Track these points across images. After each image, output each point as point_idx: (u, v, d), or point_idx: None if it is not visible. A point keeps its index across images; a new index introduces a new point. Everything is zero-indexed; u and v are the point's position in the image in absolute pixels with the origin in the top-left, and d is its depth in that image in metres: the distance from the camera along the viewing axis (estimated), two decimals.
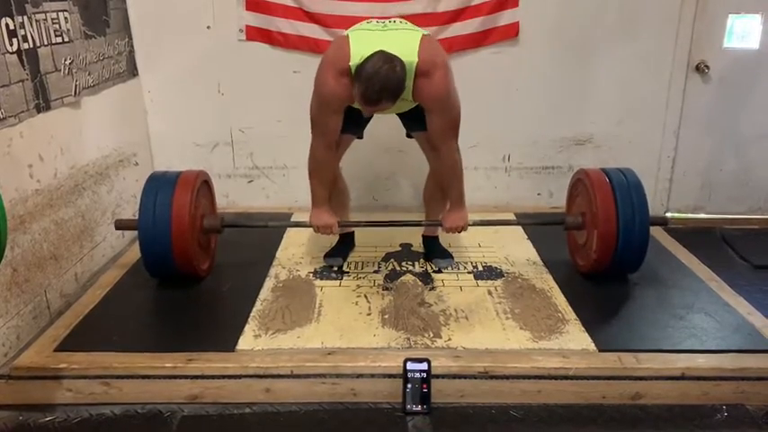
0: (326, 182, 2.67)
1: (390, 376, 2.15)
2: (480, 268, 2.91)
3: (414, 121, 2.64)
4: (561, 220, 2.86)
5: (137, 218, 2.64)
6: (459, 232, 2.75)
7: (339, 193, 2.90)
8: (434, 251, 2.98)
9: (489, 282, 2.78)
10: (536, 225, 3.15)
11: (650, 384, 2.16)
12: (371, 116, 2.67)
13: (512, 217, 3.50)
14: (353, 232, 3.08)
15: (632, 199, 2.61)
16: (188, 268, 2.63)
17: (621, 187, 2.64)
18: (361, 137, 2.80)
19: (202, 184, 2.78)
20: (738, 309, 2.56)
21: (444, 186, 2.74)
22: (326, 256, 2.96)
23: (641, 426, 2.08)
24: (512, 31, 3.41)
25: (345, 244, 3.04)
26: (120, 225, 2.78)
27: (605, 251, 2.62)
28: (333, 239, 3.02)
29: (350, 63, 2.33)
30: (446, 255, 2.96)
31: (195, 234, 2.64)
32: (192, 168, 3.66)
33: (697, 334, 2.36)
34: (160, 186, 2.62)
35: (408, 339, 2.33)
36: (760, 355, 2.25)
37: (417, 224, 2.95)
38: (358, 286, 2.74)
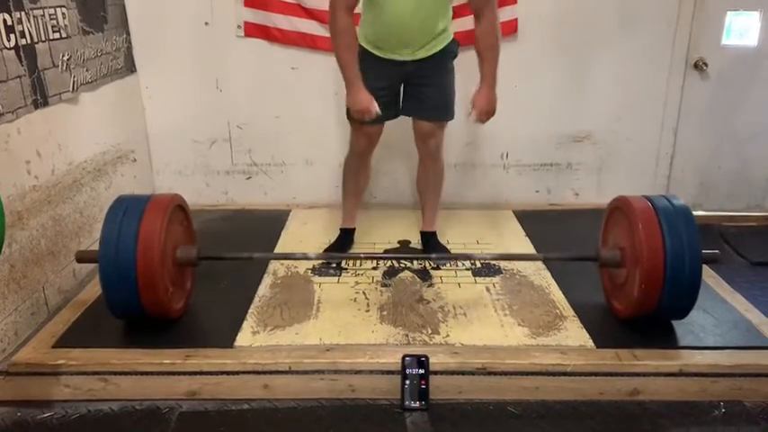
0: (354, 51, 2.59)
1: (389, 372, 2.16)
2: (478, 265, 2.90)
3: (423, 98, 2.68)
4: (595, 255, 2.46)
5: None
6: (489, 118, 2.65)
7: (364, 179, 2.99)
8: (433, 247, 2.98)
9: (487, 278, 2.78)
10: (567, 261, 2.68)
11: (648, 381, 2.17)
12: (398, 78, 2.69)
13: (511, 215, 3.52)
14: (354, 229, 3.07)
15: (681, 231, 2.21)
16: (157, 309, 2.29)
17: (668, 217, 2.24)
18: (395, 114, 2.80)
19: (176, 210, 2.42)
20: (736, 305, 2.56)
21: (482, 57, 2.62)
22: (327, 250, 2.96)
23: (639, 422, 2.08)
24: (510, 28, 3.40)
25: (345, 241, 3.04)
26: (83, 257, 2.38)
27: (649, 293, 2.22)
28: (331, 237, 3.03)
29: None
30: (447, 258, 2.92)
31: (166, 269, 2.29)
32: (191, 163, 3.66)
33: (695, 331, 2.36)
34: (126, 212, 2.26)
35: (407, 336, 2.33)
36: (757, 352, 2.25)
37: (426, 258, 2.87)
38: (356, 283, 2.74)
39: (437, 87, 2.72)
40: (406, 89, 2.75)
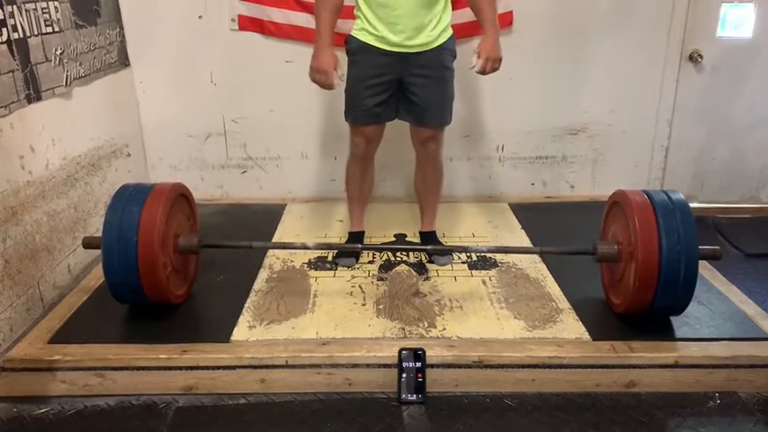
0: (334, 12, 2.53)
1: (385, 366, 2.16)
2: (474, 258, 2.90)
3: (422, 102, 2.62)
4: (593, 249, 2.43)
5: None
6: (495, 68, 2.55)
7: (368, 184, 2.93)
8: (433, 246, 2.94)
9: (483, 271, 2.79)
10: (563, 254, 2.65)
11: (644, 372, 2.18)
12: (397, 72, 2.60)
13: (507, 208, 3.53)
14: (363, 232, 3.01)
15: (678, 226, 2.19)
16: (158, 294, 2.34)
17: (665, 211, 2.22)
18: (395, 115, 2.73)
19: (179, 198, 2.47)
20: (731, 297, 2.57)
21: (480, 5, 2.58)
22: (338, 256, 2.89)
23: (635, 413, 2.09)
24: (505, 21, 3.39)
25: (356, 244, 2.96)
26: (90, 243, 2.43)
27: (644, 289, 2.21)
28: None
29: None
30: (445, 251, 2.89)
31: (167, 252, 2.34)
32: (185, 157, 3.64)
33: (690, 322, 2.37)
34: (128, 201, 2.33)
35: (403, 329, 2.33)
36: (752, 343, 2.26)
37: (422, 249, 2.86)
38: (353, 276, 2.74)
39: (437, 88, 2.64)
40: (405, 88, 2.64)
